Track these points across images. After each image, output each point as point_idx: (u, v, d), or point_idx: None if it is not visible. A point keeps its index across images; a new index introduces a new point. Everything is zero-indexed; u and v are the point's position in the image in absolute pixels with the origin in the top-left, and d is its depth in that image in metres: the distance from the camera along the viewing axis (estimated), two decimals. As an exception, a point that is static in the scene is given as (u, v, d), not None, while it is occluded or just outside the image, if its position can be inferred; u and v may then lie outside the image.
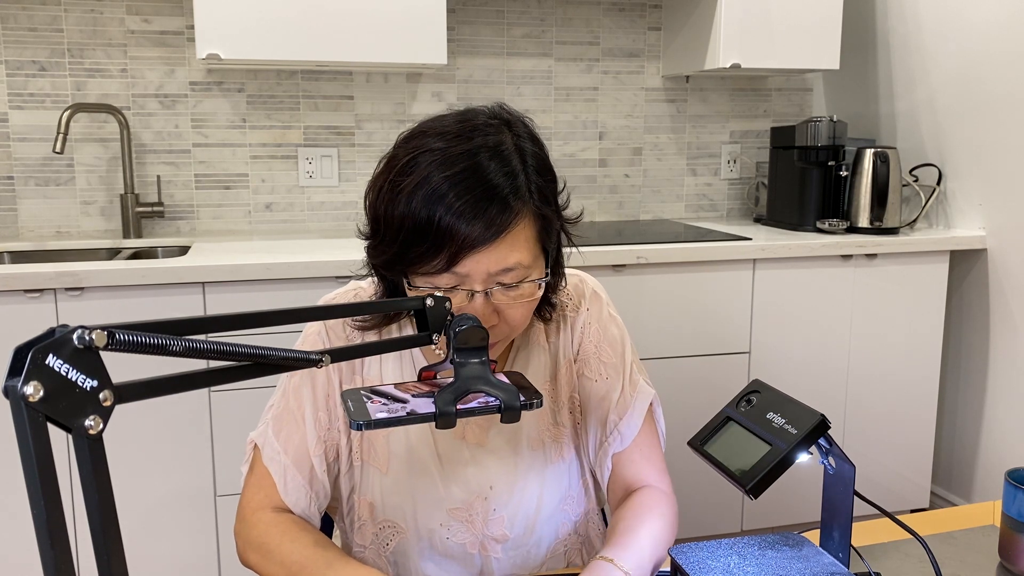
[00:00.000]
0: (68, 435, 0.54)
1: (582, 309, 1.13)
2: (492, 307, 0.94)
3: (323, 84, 2.64)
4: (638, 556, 0.95)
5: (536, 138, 0.99)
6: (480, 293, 0.92)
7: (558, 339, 1.12)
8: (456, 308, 0.91)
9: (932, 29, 2.67)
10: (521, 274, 0.93)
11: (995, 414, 2.55)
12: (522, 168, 0.93)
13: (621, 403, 1.10)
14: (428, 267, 0.91)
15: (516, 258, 0.92)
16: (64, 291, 1.93)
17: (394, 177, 0.93)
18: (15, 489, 1.96)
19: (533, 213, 0.94)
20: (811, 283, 2.46)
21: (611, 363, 1.11)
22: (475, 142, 0.92)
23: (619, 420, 1.09)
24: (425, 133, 0.95)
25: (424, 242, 0.90)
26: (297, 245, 2.34)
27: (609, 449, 1.09)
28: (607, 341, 1.12)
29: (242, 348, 0.66)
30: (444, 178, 0.89)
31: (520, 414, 0.79)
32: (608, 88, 2.90)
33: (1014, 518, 0.94)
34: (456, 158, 0.90)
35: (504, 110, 0.99)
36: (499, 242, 0.90)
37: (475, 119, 0.96)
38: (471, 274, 0.91)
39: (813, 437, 0.86)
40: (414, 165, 0.92)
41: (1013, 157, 2.45)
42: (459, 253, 0.89)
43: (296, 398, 1.05)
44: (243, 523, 1.02)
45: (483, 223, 0.89)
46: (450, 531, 1.07)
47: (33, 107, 2.44)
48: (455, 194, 0.89)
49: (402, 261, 0.93)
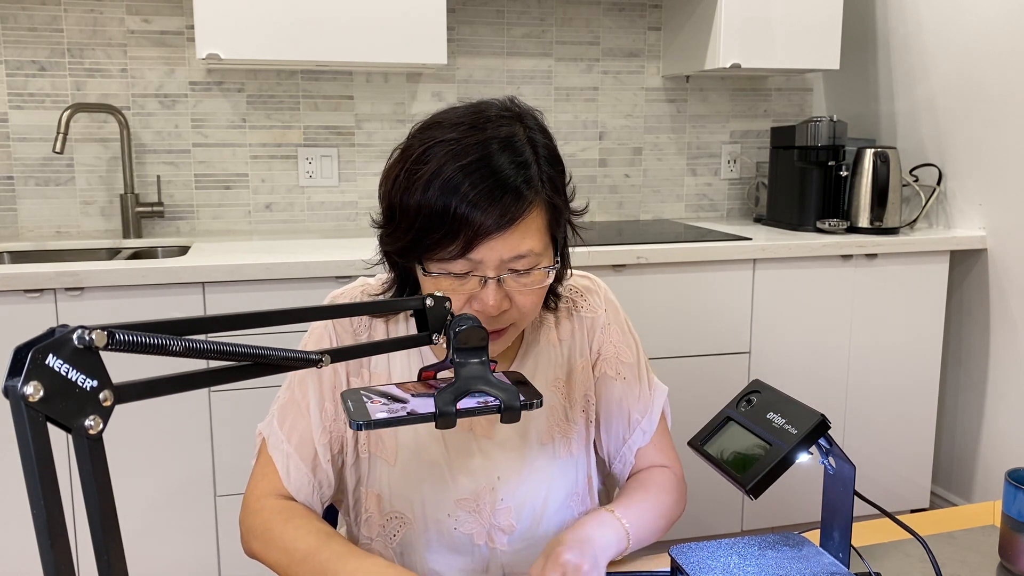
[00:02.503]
0: (68, 435, 0.54)
1: (599, 312, 1.17)
2: (503, 293, 0.96)
3: (323, 84, 2.64)
4: (638, 517, 1.01)
5: (546, 130, 1.01)
6: (492, 279, 0.94)
7: (572, 339, 1.15)
8: (468, 294, 0.95)
9: (932, 29, 2.67)
10: (532, 261, 0.96)
11: (995, 414, 2.55)
12: (534, 159, 0.96)
13: (643, 401, 1.16)
14: (444, 253, 0.93)
15: (528, 245, 0.94)
16: (64, 291, 1.93)
17: (410, 166, 0.95)
18: (15, 489, 1.96)
19: (544, 202, 0.96)
20: (811, 283, 2.46)
21: (630, 363, 1.16)
22: (488, 132, 0.94)
23: (642, 418, 1.15)
24: (440, 124, 0.97)
25: (440, 229, 0.92)
26: (297, 245, 2.34)
27: (633, 445, 1.15)
28: (626, 343, 1.17)
29: (242, 348, 0.66)
30: (459, 167, 0.92)
31: (520, 414, 0.79)
32: (608, 88, 2.90)
33: (1014, 518, 0.94)
34: (470, 148, 0.93)
35: (515, 103, 1.01)
36: (512, 230, 0.93)
37: (488, 111, 0.98)
38: (485, 260, 0.93)
39: (813, 437, 0.86)
40: (429, 155, 0.94)
41: (1013, 157, 2.44)
42: (474, 240, 0.92)
43: (301, 389, 1.07)
44: (247, 511, 1.03)
45: (498, 211, 0.91)
46: (458, 521, 1.08)
47: (33, 107, 2.44)
48: (470, 183, 0.91)
49: (418, 248, 0.95)
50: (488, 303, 0.94)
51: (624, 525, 1.00)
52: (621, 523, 1.00)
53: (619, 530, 0.99)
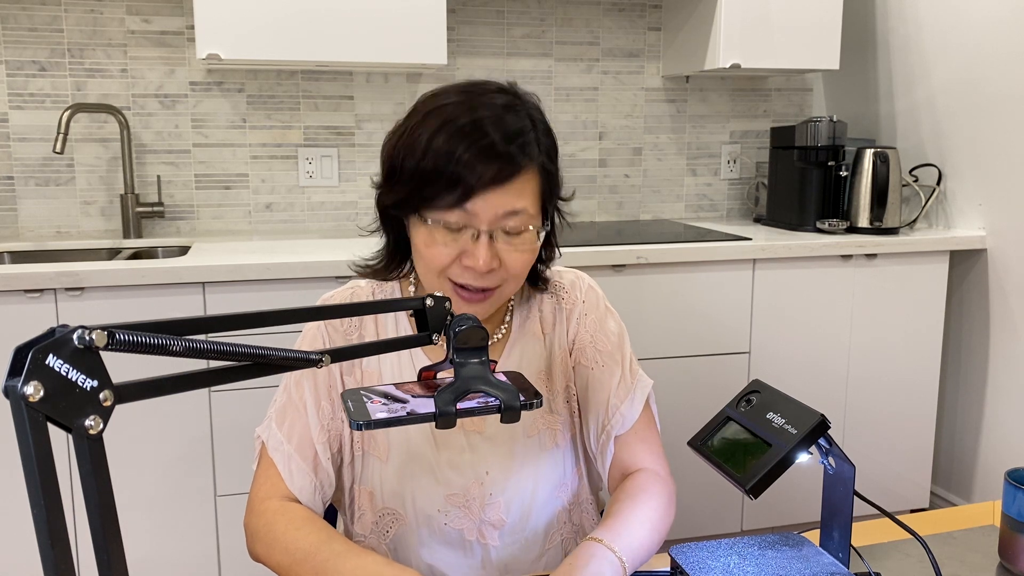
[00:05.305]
0: (68, 435, 0.54)
1: (578, 301, 1.17)
2: (494, 251, 0.99)
3: (323, 84, 2.64)
4: (629, 539, 0.97)
5: (542, 111, 1.06)
6: (484, 234, 0.98)
7: (553, 331, 1.16)
8: (460, 249, 0.99)
9: (932, 29, 2.67)
10: (524, 221, 1.00)
11: (995, 414, 2.55)
12: (532, 127, 1.01)
13: (622, 387, 1.13)
14: (441, 203, 0.97)
15: (523, 204, 0.99)
16: (64, 291, 1.93)
17: (415, 124, 1.00)
18: (15, 489, 1.96)
19: (539, 168, 1.01)
20: (811, 283, 2.46)
21: (607, 351, 1.15)
22: (490, 99, 1.00)
23: (620, 404, 1.12)
24: (445, 91, 1.03)
25: (440, 179, 0.96)
26: (297, 245, 2.34)
27: (612, 432, 1.12)
28: (603, 331, 1.16)
29: (242, 348, 0.66)
30: (460, 126, 0.97)
31: (520, 414, 0.79)
32: (608, 88, 2.90)
33: (1014, 518, 0.94)
34: (473, 110, 0.98)
35: (514, 87, 1.06)
36: (509, 186, 0.97)
37: (488, 84, 1.04)
38: (480, 214, 0.97)
39: (813, 437, 0.86)
40: (433, 114, 0.99)
41: (1013, 157, 2.44)
42: (472, 191, 0.96)
43: (298, 390, 1.08)
44: (251, 513, 1.04)
45: (496, 167, 0.96)
46: (448, 517, 1.09)
47: (33, 107, 2.44)
48: (470, 140, 0.96)
49: (416, 197, 0.99)
50: (479, 258, 0.97)
51: (615, 551, 0.93)
52: (612, 551, 0.93)
53: (614, 563, 0.92)
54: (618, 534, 0.96)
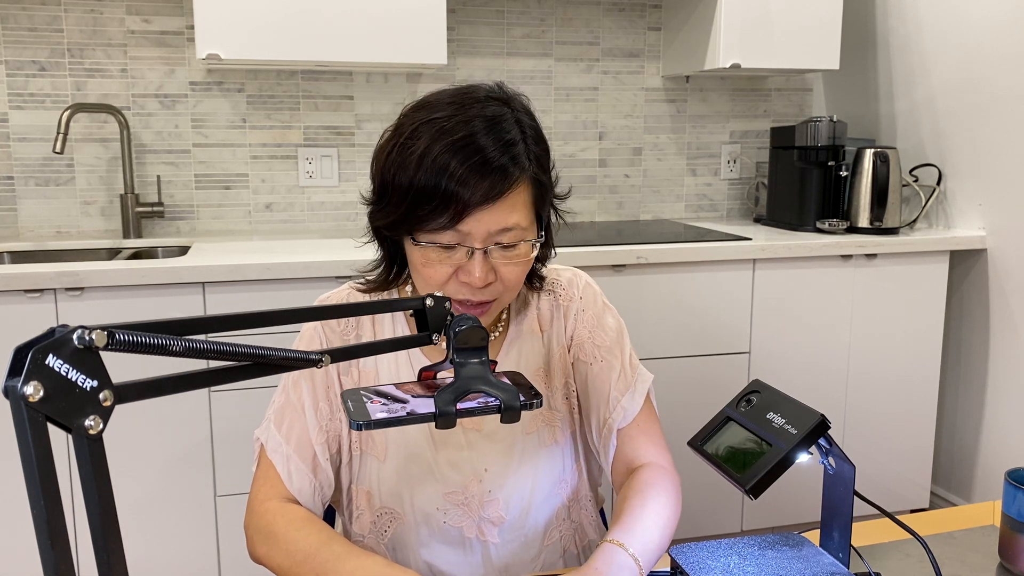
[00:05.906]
0: (68, 435, 0.54)
1: (575, 298, 1.17)
2: (489, 266, 0.99)
3: (323, 84, 2.64)
4: (644, 539, 0.96)
5: (532, 113, 1.05)
6: (479, 251, 0.98)
7: (551, 328, 1.16)
8: (456, 266, 0.99)
9: (932, 29, 2.67)
10: (518, 235, 1.00)
11: (995, 414, 2.55)
12: (521, 137, 1.00)
13: (622, 381, 1.13)
14: (433, 224, 0.97)
15: (515, 219, 0.98)
16: (64, 291, 1.93)
17: (402, 142, 0.99)
18: (15, 489, 1.96)
19: (531, 179, 1.00)
20: (811, 283, 2.46)
21: (606, 346, 1.14)
22: (477, 111, 0.98)
23: (621, 397, 1.12)
24: (430, 104, 1.01)
25: (431, 202, 0.95)
26: (297, 245, 2.34)
27: (614, 425, 1.11)
28: (601, 327, 1.16)
29: (242, 348, 0.66)
30: (449, 144, 0.95)
31: (520, 414, 0.79)
32: (608, 88, 2.90)
33: (1014, 518, 0.94)
34: (460, 126, 0.96)
35: (502, 89, 1.04)
36: (500, 203, 0.96)
37: (476, 92, 1.02)
38: (472, 232, 0.97)
39: (813, 437, 0.86)
40: (420, 133, 0.97)
41: (1013, 157, 2.45)
42: (463, 212, 0.95)
43: (296, 391, 1.08)
44: (251, 514, 1.04)
45: (486, 185, 0.95)
46: (447, 515, 1.09)
47: (33, 107, 2.44)
48: (460, 159, 0.95)
49: (408, 220, 0.98)
50: (475, 275, 0.97)
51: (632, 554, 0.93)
52: (630, 554, 0.92)
53: (633, 569, 0.92)
54: (634, 535, 0.96)
